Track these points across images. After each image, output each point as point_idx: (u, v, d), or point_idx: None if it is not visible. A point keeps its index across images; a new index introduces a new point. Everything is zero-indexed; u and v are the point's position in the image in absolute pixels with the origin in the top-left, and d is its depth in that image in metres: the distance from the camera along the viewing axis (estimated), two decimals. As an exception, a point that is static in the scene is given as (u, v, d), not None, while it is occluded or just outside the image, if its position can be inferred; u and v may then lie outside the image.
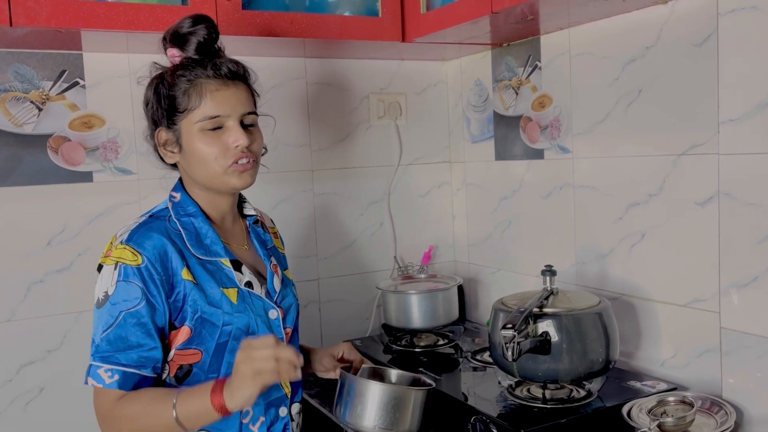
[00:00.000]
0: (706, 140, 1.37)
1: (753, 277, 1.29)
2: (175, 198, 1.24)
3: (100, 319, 1.12)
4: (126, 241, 1.14)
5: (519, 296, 1.46)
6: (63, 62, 1.64)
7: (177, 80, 1.16)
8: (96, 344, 1.12)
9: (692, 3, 1.37)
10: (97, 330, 1.13)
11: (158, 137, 1.22)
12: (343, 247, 2.03)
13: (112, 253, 1.14)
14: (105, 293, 1.12)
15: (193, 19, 1.19)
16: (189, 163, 1.20)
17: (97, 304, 1.13)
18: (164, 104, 1.18)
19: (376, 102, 2.03)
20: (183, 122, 1.17)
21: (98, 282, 1.14)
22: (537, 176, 1.83)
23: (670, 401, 1.29)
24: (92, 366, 1.11)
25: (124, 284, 1.11)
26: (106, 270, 1.13)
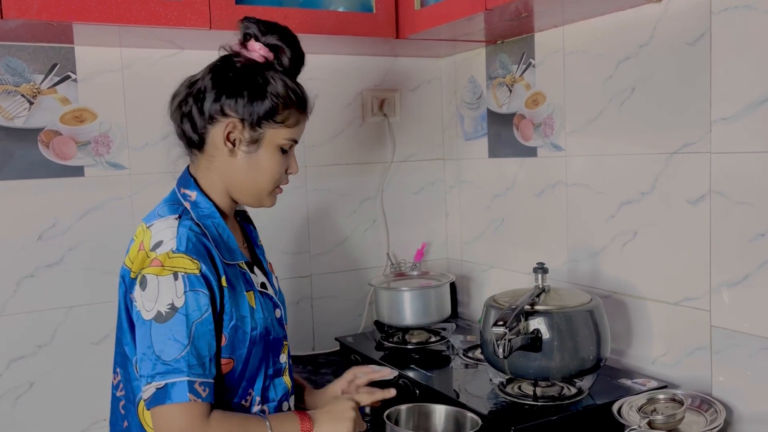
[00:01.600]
0: (699, 139, 1.37)
1: (744, 275, 1.30)
2: (190, 197, 1.17)
3: (168, 333, 1.04)
4: (179, 249, 1.07)
5: (511, 293, 1.47)
6: (54, 56, 1.63)
7: (290, 93, 1.15)
8: (176, 359, 1.04)
9: (686, 1, 1.37)
10: (164, 344, 1.04)
11: (227, 129, 1.14)
12: (335, 243, 2.03)
13: (164, 263, 1.06)
14: (170, 305, 1.05)
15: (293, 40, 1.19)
16: (241, 169, 1.16)
17: (157, 318, 1.05)
18: (261, 100, 1.13)
19: (369, 98, 2.03)
20: (270, 131, 1.15)
21: (147, 294, 1.06)
22: (530, 174, 1.83)
23: (660, 399, 1.30)
24: (187, 382, 1.03)
25: (192, 294, 1.06)
26: (163, 281, 1.05)
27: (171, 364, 1.04)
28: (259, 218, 1.45)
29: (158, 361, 1.04)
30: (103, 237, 1.69)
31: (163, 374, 1.04)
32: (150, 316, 1.06)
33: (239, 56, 1.17)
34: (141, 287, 1.07)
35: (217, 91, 1.14)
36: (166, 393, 1.04)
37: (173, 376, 1.04)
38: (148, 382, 1.05)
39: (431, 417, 1.33)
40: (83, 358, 1.69)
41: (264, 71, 1.15)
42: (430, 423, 1.32)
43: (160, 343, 1.05)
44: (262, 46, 1.16)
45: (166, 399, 1.04)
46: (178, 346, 1.04)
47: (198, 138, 1.17)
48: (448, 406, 1.33)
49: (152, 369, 1.05)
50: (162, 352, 1.04)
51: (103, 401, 1.70)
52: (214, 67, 1.17)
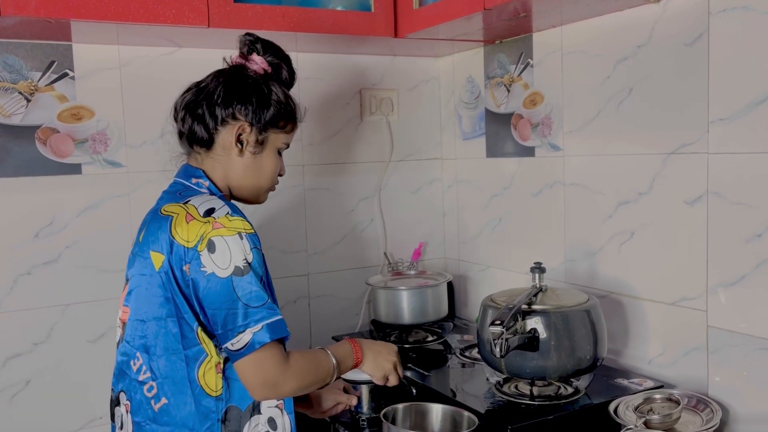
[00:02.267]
0: (696, 139, 1.37)
1: (740, 276, 1.30)
2: (204, 185, 1.26)
3: (250, 284, 1.14)
4: (234, 213, 1.18)
5: (508, 293, 1.47)
6: (52, 53, 1.62)
7: (289, 102, 1.30)
8: (266, 302, 1.15)
9: (684, 2, 1.38)
10: (250, 293, 1.14)
11: (242, 130, 1.25)
12: (333, 242, 2.02)
13: (226, 225, 1.15)
14: (245, 261, 1.14)
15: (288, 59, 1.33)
16: (246, 168, 1.28)
17: (236, 272, 1.14)
18: (268, 107, 1.26)
19: (368, 98, 2.03)
20: (272, 135, 1.29)
21: (218, 255, 1.14)
22: (528, 174, 1.83)
23: (656, 399, 1.30)
24: (281, 320, 1.15)
25: (256, 252, 1.17)
26: (231, 241, 1.14)
27: (262, 309, 1.14)
28: (257, 216, 1.46)
29: (247, 309, 1.13)
30: (101, 235, 1.69)
31: (256, 319, 1.13)
32: (227, 273, 1.13)
33: (244, 67, 1.29)
34: (209, 251, 1.14)
35: (230, 97, 1.25)
36: (267, 332, 1.13)
37: (269, 316, 1.14)
38: (239, 331, 1.13)
39: (428, 416, 1.33)
40: (80, 356, 1.69)
41: (268, 82, 1.28)
42: (427, 422, 1.32)
43: (246, 294, 1.14)
44: (263, 59, 1.29)
45: (267, 337, 1.13)
46: (262, 293, 1.15)
47: (208, 138, 1.27)
48: (445, 405, 1.33)
49: (242, 319, 1.13)
50: (250, 300, 1.14)
51: (99, 399, 1.70)
52: (226, 75, 1.28)
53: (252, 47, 1.30)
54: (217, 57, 1.78)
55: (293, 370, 1.18)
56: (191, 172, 1.28)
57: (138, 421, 1.22)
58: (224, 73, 1.29)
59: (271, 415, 1.23)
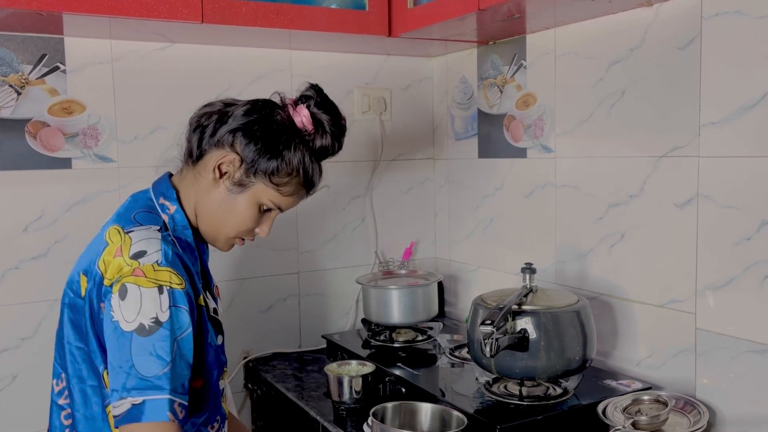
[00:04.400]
0: (687, 143, 1.38)
1: (729, 279, 1.31)
2: (169, 210, 1.15)
3: (151, 348, 1.01)
4: (165, 262, 1.05)
5: (498, 293, 1.47)
6: (43, 46, 1.61)
7: (302, 170, 1.15)
8: (157, 375, 1.00)
9: (677, 6, 1.39)
10: (145, 359, 1.00)
11: (225, 160, 1.13)
12: (324, 241, 2.02)
13: (148, 275, 1.03)
14: (154, 319, 1.01)
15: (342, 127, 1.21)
16: (215, 202, 1.15)
17: (139, 331, 1.01)
18: (270, 156, 1.13)
19: (360, 96, 2.03)
20: (260, 185, 1.15)
21: (127, 304, 1.02)
22: (519, 175, 1.83)
23: (644, 400, 1.30)
24: (168, 400, 1.00)
25: (176, 310, 1.03)
26: (147, 293, 1.02)
27: (152, 380, 1.00)
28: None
29: (137, 376, 1.00)
30: (90, 230, 1.65)
31: (141, 390, 1.00)
32: (131, 327, 1.01)
33: (283, 109, 1.17)
34: (120, 296, 1.02)
35: (240, 124, 1.14)
36: (143, 410, 0.99)
37: (154, 392, 1.00)
38: (122, 396, 1.00)
39: (417, 415, 1.33)
40: (67, 352, 1.67)
41: (294, 138, 1.15)
42: (416, 421, 1.32)
43: (142, 358, 1.00)
44: (308, 114, 1.16)
45: (142, 416, 0.99)
46: (160, 362, 1.01)
47: (198, 153, 1.16)
48: (434, 405, 1.33)
49: (129, 384, 1.00)
50: (142, 367, 1.00)
51: (86, 395, 1.69)
52: (255, 103, 1.17)
53: (307, 97, 1.18)
54: (211, 53, 1.79)
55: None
56: (163, 190, 1.18)
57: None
58: (256, 102, 1.18)
59: None
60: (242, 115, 1.15)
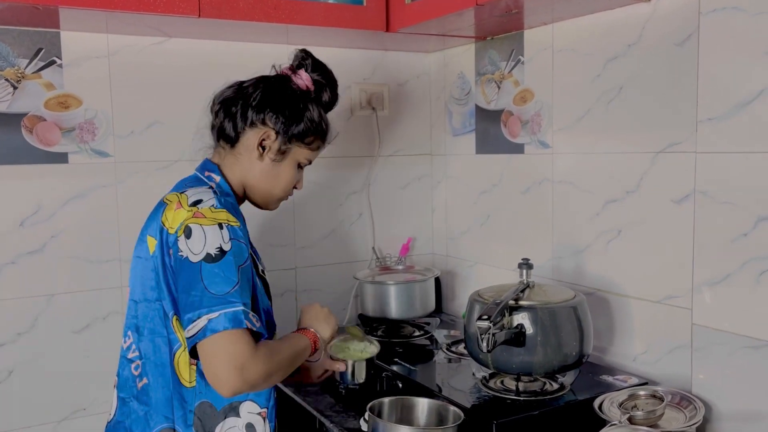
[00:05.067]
0: (684, 139, 1.38)
1: (725, 274, 1.31)
2: (214, 179, 1.28)
3: (219, 272, 1.11)
4: (219, 205, 1.17)
5: (495, 288, 1.47)
6: (40, 40, 1.60)
7: (321, 122, 1.32)
8: (228, 292, 1.10)
9: (675, 2, 1.38)
10: (216, 281, 1.11)
11: (267, 136, 1.28)
12: (321, 236, 2.02)
13: (207, 215, 1.15)
14: (219, 248, 1.13)
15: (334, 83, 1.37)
16: (263, 173, 1.30)
17: (206, 259, 1.12)
18: (299, 122, 1.29)
19: (358, 92, 2.03)
20: (296, 148, 1.31)
21: (193, 241, 1.13)
22: (517, 171, 1.83)
23: (641, 395, 1.31)
24: (242, 311, 1.09)
25: (237, 243, 1.15)
26: (210, 230, 1.14)
27: (224, 297, 1.10)
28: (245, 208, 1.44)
29: (210, 296, 1.10)
30: (87, 225, 1.68)
31: (216, 306, 1.09)
32: (199, 258, 1.12)
33: (289, 80, 1.32)
34: (186, 236, 1.14)
35: (264, 103, 1.28)
36: (221, 320, 1.08)
37: (228, 306, 1.09)
38: (198, 316, 1.09)
39: (414, 410, 1.33)
40: (64, 347, 1.67)
41: (306, 100, 1.31)
42: (412, 416, 1.32)
43: (212, 280, 1.11)
44: (309, 77, 1.32)
45: (220, 326, 1.08)
46: (229, 282, 1.11)
47: (235, 136, 1.29)
48: (431, 400, 1.33)
49: (204, 303, 1.09)
50: (214, 287, 1.10)
51: (82, 390, 1.69)
52: (267, 81, 1.32)
53: (302, 63, 1.33)
54: (208, 48, 1.79)
55: (261, 353, 1.11)
56: (207, 166, 1.31)
57: (123, 397, 1.25)
58: (267, 79, 1.32)
59: (250, 420, 1.22)
60: (262, 93, 1.29)
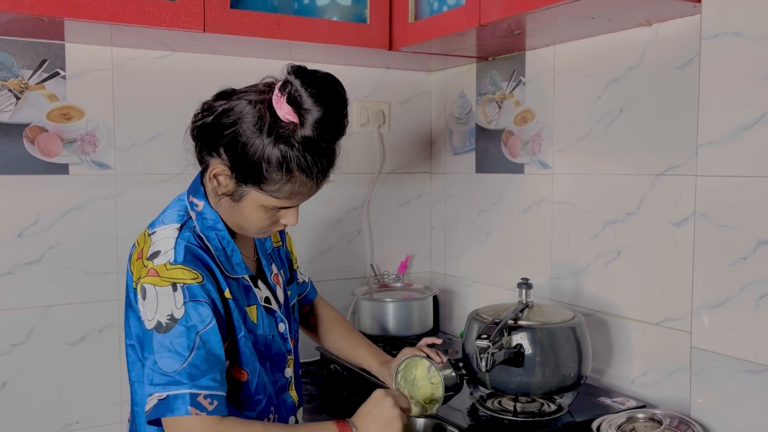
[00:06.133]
0: (684, 161, 1.39)
1: (725, 298, 1.31)
2: (197, 206, 1.14)
3: (169, 344, 1.03)
4: (177, 260, 1.06)
5: (494, 308, 1.47)
6: (44, 51, 1.61)
7: (286, 166, 1.03)
8: (176, 371, 1.02)
9: (676, 26, 1.40)
10: (164, 355, 1.02)
11: (215, 170, 1.08)
12: (319, 252, 2.02)
13: (162, 274, 1.04)
14: (170, 316, 1.03)
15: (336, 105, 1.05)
16: (229, 211, 1.13)
17: (157, 328, 1.03)
18: (251, 162, 1.04)
19: (359, 109, 2.03)
20: (254, 192, 1.07)
21: (147, 304, 1.05)
22: (516, 190, 1.84)
23: (639, 418, 1.30)
24: (189, 395, 1.01)
25: (193, 305, 1.04)
26: (162, 292, 1.04)
27: (172, 375, 1.02)
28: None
29: (159, 371, 1.03)
30: (85, 237, 1.67)
31: (164, 386, 1.02)
32: (151, 325, 1.05)
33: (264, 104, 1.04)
34: (141, 296, 1.06)
35: (221, 130, 1.06)
36: (168, 405, 1.02)
37: (174, 388, 1.02)
38: (150, 393, 1.04)
39: (411, 430, 1.32)
40: (59, 360, 1.66)
41: (273, 134, 1.03)
42: None
43: (161, 354, 1.03)
44: (291, 111, 1.02)
45: (167, 411, 1.02)
46: (178, 358, 1.02)
47: (200, 160, 1.14)
48: (428, 419, 1.32)
49: (154, 380, 1.03)
50: (162, 363, 1.03)
51: (76, 404, 1.68)
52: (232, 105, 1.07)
53: (287, 85, 1.03)
54: (211, 63, 1.79)
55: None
56: (194, 188, 1.17)
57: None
58: (240, 100, 1.08)
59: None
60: (220, 121, 1.06)
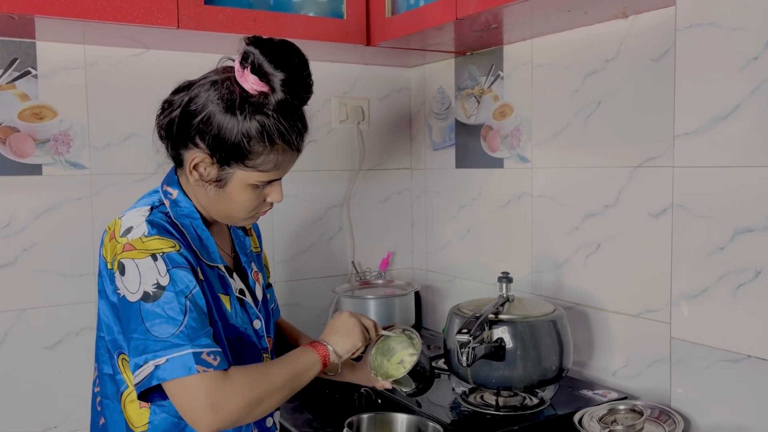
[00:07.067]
0: (662, 153, 1.39)
1: (703, 288, 1.32)
2: (171, 195, 1.13)
3: (161, 311, 1.01)
4: (151, 233, 1.05)
5: (475, 303, 1.46)
6: (15, 50, 1.58)
7: (266, 136, 1.04)
8: (174, 334, 1.00)
9: (652, 18, 1.40)
10: (157, 323, 1.01)
11: (194, 161, 1.07)
12: (300, 250, 2.00)
13: (138, 246, 1.03)
14: (156, 284, 1.02)
15: (299, 65, 1.05)
16: (211, 197, 1.11)
17: (145, 299, 1.01)
18: (231, 141, 1.04)
19: (338, 105, 2.02)
20: (239, 171, 1.07)
21: (128, 278, 1.03)
22: (496, 185, 1.84)
23: (620, 410, 1.31)
24: (192, 354, 0.99)
25: (177, 271, 1.03)
26: (142, 263, 1.02)
27: (170, 340, 1.00)
28: (223, 221, 1.43)
29: (154, 339, 1.00)
30: (60, 238, 1.65)
31: (162, 351, 1.00)
32: (137, 297, 1.02)
33: (231, 81, 1.05)
34: (120, 273, 1.04)
35: (192, 117, 1.06)
36: (171, 368, 0.99)
37: (174, 350, 1.00)
38: (144, 361, 1.00)
39: (393, 426, 1.31)
40: (34, 363, 1.63)
41: (245, 107, 1.03)
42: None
43: (153, 322, 1.01)
44: (258, 80, 1.03)
45: (170, 375, 0.99)
46: (173, 322, 1.01)
47: (175, 155, 1.13)
48: (410, 416, 1.32)
49: (149, 348, 1.00)
50: (156, 329, 1.01)
51: (54, 408, 1.65)
52: (197, 91, 1.07)
53: (247, 58, 1.03)
54: (186, 60, 1.77)
55: (237, 383, 1.02)
56: (168, 178, 1.17)
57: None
58: (201, 86, 1.07)
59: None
60: (189, 108, 1.06)
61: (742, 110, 1.23)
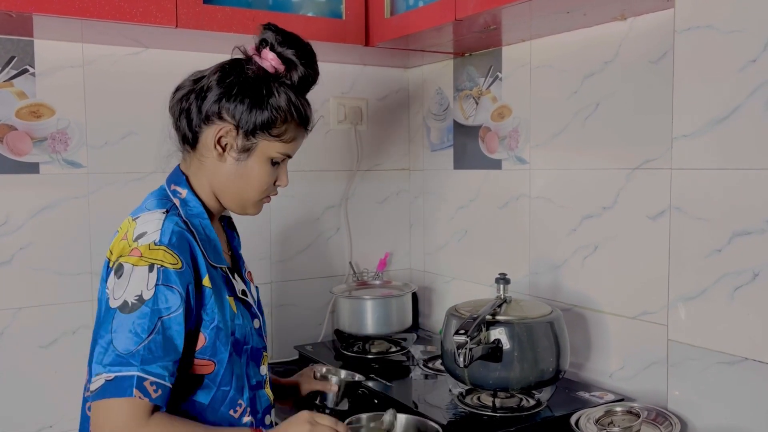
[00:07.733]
0: (660, 155, 1.39)
1: (701, 290, 1.32)
2: (181, 194, 1.16)
3: (129, 325, 1.01)
4: (161, 242, 1.05)
5: (472, 303, 1.46)
6: (12, 48, 1.58)
7: (291, 108, 1.14)
8: (130, 352, 0.99)
9: (650, 20, 1.40)
10: (122, 335, 1.00)
11: (225, 132, 1.13)
12: (298, 250, 2.00)
13: (144, 254, 1.03)
14: (138, 296, 1.02)
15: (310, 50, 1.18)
16: (229, 175, 1.15)
17: (122, 308, 1.01)
18: (258, 110, 1.12)
19: (336, 106, 2.02)
20: (263, 142, 1.14)
21: (119, 282, 1.03)
22: (494, 186, 1.84)
23: (617, 412, 1.31)
24: (137, 377, 0.98)
25: (164, 289, 1.03)
26: (138, 271, 1.03)
27: (125, 356, 1.00)
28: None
29: (113, 351, 1.00)
30: (57, 237, 1.64)
31: (115, 366, 1.00)
32: (116, 304, 1.02)
33: (251, 62, 1.15)
34: (116, 275, 1.04)
35: (220, 93, 1.13)
36: (113, 385, 0.99)
37: (123, 369, 0.99)
38: (98, 372, 1.00)
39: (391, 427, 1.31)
40: (30, 362, 1.62)
41: (271, 82, 1.14)
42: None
43: (120, 334, 1.01)
44: (275, 57, 1.14)
45: (109, 393, 0.99)
46: (135, 339, 1.00)
47: (192, 136, 1.16)
48: (408, 416, 1.31)
49: (106, 359, 1.00)
50: (119, 343, 1.00)
51: (50, 407, 1.65)
52: (223, 68, 1.16)
53: (266, 40, 1.15)
54: (184, 59, 1.77)
55: (150, 430, 0.99)
56: (174, 178, 1.19)
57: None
58: (223, 66, 1.16)
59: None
60: (217, 84, 1.13)
61: (741, 112, 1.23)
